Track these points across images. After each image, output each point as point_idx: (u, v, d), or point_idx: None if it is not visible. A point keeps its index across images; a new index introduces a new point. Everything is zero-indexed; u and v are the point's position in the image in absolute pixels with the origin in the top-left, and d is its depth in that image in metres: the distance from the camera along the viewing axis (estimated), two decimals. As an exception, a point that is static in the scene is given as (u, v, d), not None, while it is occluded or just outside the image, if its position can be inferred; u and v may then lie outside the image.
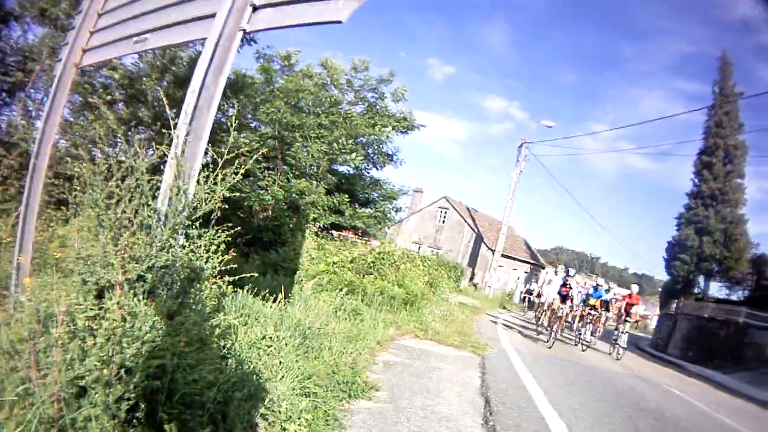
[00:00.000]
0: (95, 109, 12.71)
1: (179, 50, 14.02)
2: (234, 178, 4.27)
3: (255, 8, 4.74)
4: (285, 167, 19.72)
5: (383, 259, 16.00)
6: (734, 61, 46.62)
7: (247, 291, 7.03)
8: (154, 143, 4.73)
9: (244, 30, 4.74)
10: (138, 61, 14.12)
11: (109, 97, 13.58)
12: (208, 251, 4.01)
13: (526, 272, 48.70)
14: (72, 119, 12.97)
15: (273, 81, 20.87)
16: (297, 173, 19.72)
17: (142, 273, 3.61)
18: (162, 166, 4.23)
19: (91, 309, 3.34)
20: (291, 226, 16.93)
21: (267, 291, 7.54)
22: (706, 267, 42.51)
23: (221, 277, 4.24)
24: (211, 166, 4.32)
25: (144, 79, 13.70)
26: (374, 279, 14.05)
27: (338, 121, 20.78)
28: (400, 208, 25.49)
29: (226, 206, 4.37)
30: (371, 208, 23.12)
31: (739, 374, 21.22)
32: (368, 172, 23.47)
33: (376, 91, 22.79)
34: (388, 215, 23.87)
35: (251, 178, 18.94)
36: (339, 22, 4.14)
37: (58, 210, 4.44)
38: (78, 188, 3.96)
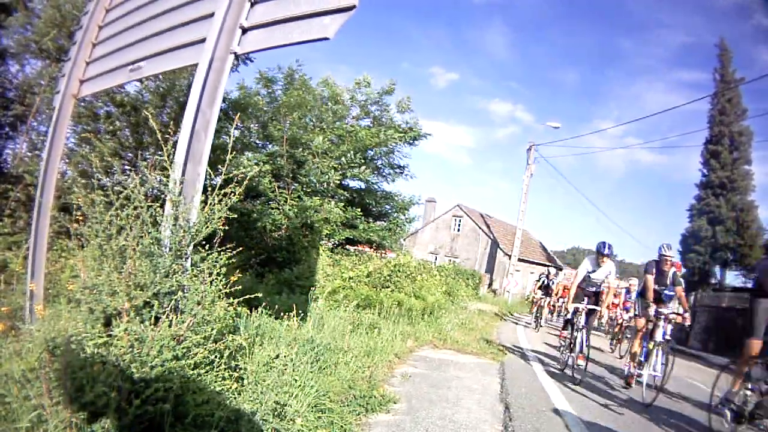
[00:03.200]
0: (98, 138, 12.87)
1: (182, 76, 14.14)
2: (231, 200, 4.29)
3: (244, 30, 4.82)
4: (296, 185, 19.72)
5: (399, 271, 15.99)
6: (733, 46, 46.70)
7: (262, 311, 7.06)
8: (156, 169, 4.77)
9: (234, 53, 4.81)
10: (141, 88, 14.29)
11: (110, 127, 13.76)
12: (211, 274, 4.04)
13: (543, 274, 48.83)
14: (77, 149, 13.11)
15: (277, 98, 20.93)
16: (308, 190, 19.73)
17: (147, 299, 3.66)
18: (165, 191, 4.27)
19: (99, 337, 3.38)
20: (305, 243, 16.95)
21: (282, 310, 7.57)
22: (721, 256, 42.17)
23: (233, 299, 4.27)
24: (217, 188, 4.35)
25: (146, 105, 13.84)
26: (391, 292, 14.05)
27: (345, 136, 20.82)
28: (413, 218, 25.38)
29: (227, 227, 4.39)
30: (385, 221, 23.08)
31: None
32: (379, 186, 23.46)
33: (379, 104, 22.85)
34: (402, 227, 23.82)
35: (263, 198, 18.98)
36: (326, 38, 4.21)
37: (70, 240, 4.50)
38: (80, 219, 4.02)
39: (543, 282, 22.53)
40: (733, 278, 45.46)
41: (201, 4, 5.22)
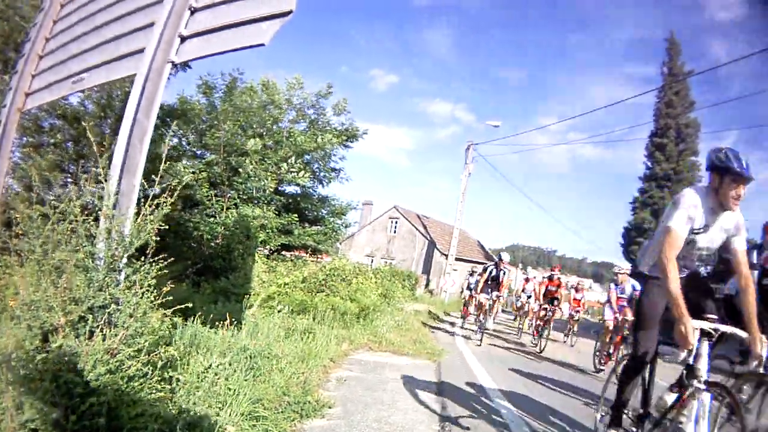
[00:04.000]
0: (38, 152, 12.78)
1: (125, 86, 14.09)
2: (163, 210, 4.34)
3: (183, 39, 4.90)
4: (232, 192, 19.65)
5: (334, 275, 16.06)
6: (685, 39, 48.37)
7: (198, 320, 7.05)
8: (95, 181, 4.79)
9: (172, 62, 4.88)
10: (83, 98, 14.22)
11: (53, 139, 13.66)
12: (142, 286, 4.09)
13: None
14: (20, 162, 12.97)
15: (216, 106, 20.84)
16: (245, 197, 19.67)
17: (82, 314, 3.71)
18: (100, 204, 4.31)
19: (38, 353, 3.43)
20: (241, 251, 16.89)
21: (217, 318, 7.57)
22: (666, 248, 43.12)
23: (166, 309, 4.32)
24: (159, 198, 4.40)
25: (88, 116, 13.79)
26: (326, 296, 14.12)
27: (282, 141, 20.82)
28: (350, 223, 25.47)
29: (164, 238, 4.45)
30: (321, 226, 23.11)
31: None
32: (315, 191, 23.53)
33: (315, 107, 22.88)
34: (338, 231, 23.92)
35: (200, 207, 18.88)
36: (262, 45, 4.35)
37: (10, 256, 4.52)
38: (19, 234, 4.05)
39: (491, 273, 17.32)
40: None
41: (143, 14, 5.28)
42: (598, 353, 13.21)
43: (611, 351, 12.59)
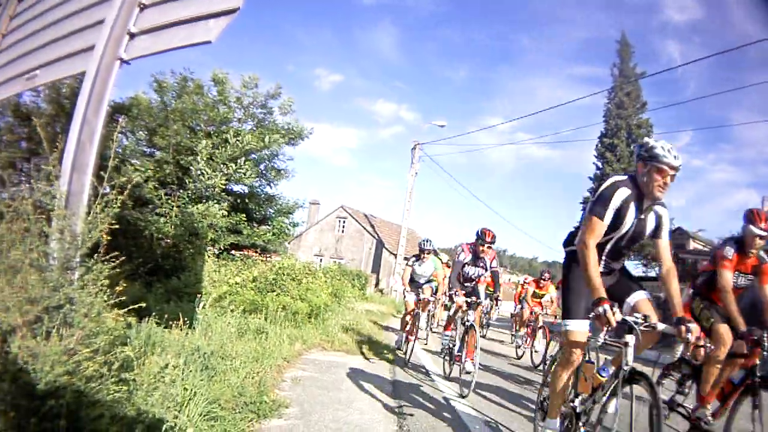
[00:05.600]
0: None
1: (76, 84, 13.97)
2: (113, 209, 4.25)
3: (132, 36, 4.82)
4: (182, 191, 19.39)
5: (284, 274, 15.95)
6: (638, 41, 49.31)
7: (152, 320, 6.91)
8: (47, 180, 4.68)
9: (121, 59, 4.79)
10: (35, 96, 14.07)
11: (8, 137, 13.50)
12: (95, 285, 4.00)
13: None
14: None
15: (168, 104, 20.51)
16: (194, 197, 19.42)
17: (39, 314, 3.62)
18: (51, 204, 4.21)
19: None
20: (191, 250, 16.71)
21: (171, 318, 7.44)
22: (618, 247, 43.67)
23: (121, 309, 4.24)
24: (99, 197, 4.31)
25: (42, 114, 13.64)
26: (276, 295, 14.01)
27: (230, 139, 20.59)
28: (297, 223, 25.30)
29: (116, 237, 4.36)
30: (269, 225, 22.92)
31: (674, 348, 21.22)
32: (262, 190, 23.20)
33: (264, 107, 22.60)
34: (286, 230, 23.75)
35: (150, 206, 18.60)
36: (209, 42, 4.32)
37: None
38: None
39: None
40: (633, 268, 47.51)
41: (95, 10, 5.20)
42: None
43: None
